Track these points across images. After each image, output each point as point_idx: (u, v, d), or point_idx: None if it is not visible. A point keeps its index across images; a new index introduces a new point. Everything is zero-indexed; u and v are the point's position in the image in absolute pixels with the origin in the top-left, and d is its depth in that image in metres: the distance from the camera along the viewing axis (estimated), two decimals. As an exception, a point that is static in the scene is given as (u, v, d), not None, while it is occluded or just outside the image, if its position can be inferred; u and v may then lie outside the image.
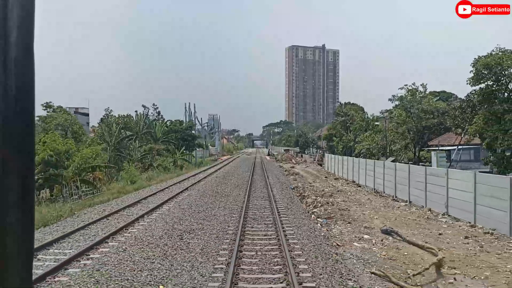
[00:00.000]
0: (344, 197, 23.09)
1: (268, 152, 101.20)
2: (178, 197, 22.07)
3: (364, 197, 23.72)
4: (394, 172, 24.05)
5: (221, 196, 22.26)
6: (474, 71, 20.01)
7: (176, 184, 29.15)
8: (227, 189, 25.64)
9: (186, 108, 73.86)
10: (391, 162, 27.92)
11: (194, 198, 21.52)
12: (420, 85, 34.61)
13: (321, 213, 17.74)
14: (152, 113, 61.75)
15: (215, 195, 22.88)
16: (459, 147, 29.68)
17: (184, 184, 28.81)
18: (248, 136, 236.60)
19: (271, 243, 11.57)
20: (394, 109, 35.28)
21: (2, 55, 0.86)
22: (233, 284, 7.98)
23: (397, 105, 33.94)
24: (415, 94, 33.32)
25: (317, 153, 66.96)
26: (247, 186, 26.59)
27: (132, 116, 53.73)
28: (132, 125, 48.59)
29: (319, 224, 15.36)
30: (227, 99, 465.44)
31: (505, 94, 19.94)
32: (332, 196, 23.11)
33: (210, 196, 22.21)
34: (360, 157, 36.64)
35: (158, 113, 63.64)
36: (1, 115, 0.86)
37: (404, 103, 32.39)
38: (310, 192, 24.87)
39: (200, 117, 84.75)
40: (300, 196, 23.29)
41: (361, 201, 21.76)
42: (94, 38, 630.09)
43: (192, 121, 71.61)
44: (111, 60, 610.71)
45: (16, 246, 0.88)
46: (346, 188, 28.20)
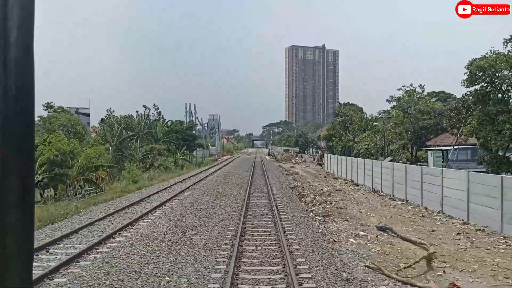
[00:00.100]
0: (342, 196, 23.57)
1: (269, 152, 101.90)
2: (180, 195, 22.59)
3: (362, 196, 24.21)
4: (392, 171, 24.56)
5: (222, 195, 22.77)
6: (468, 73, 20.59)
7: (178, 184, 29.65)
8: (227, 188, 26.15)
9: (186, 108, 74.51)
10: (388, 162, 28.43)
11: (195, 196, 22.04)
12: (418, 86, 35.17)
13: (319, 211, 18.24)
14: (153, 113, 62.31)
15: (216, 194, 23.39)
16: (456, 147, 30.22)
17: (185, 184, 29.31)
18: (248, 136, 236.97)
19: (271, 239, 12.11)
20: (392, 110, 35.80)
21: (2, 55, 0.86)
22: (235, 275, 8.52)
23: (394, 105, 34.47)
24: (413, 95, 33.89)
25: (316, 153, 67.47)
26: (247, 186, 27.09)
27: (133, 117, 54.29)
28: (134, 125, 49.12)
29: (317, 222, 15.84)
30: (227, 99, 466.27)
31: (499, 96, 20.50)
32: (330, 195, 23.58)
33: (211, 195, 22.73)
34: (358, 157, 37.13)
35: (159, 113, 64.19)
36: (1, 115, 0.85)
37: (401, 104, 32.95)
38: (309, 191, 25.35)
39: (200, 117, 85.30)
40: (299, 195, 23.76)
41: (359, 200, 22.25)
42: (94, 38, 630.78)
43: (193, 121, 72.20)
44: (111, 59, 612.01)
45: (16, 246, 0.88)
46: (344, 188, 28.68)
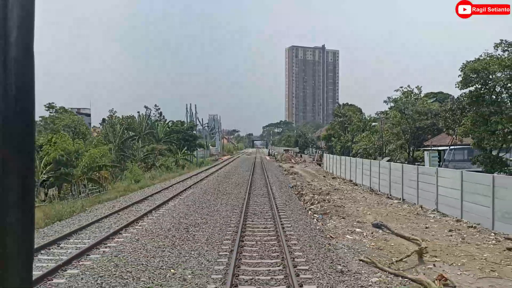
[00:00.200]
0: (341, 195, 24.10)
1: (269, 152, 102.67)
2: (182, 194, 23.15)
3: (359, 195, 24.75)
4: (389, 171, 25.12)
5: (222, 194, 23.32)
6: (462, 75, 21.15)
7: (179, 183, 30.19)
8: (228, 188, 26.70)
9: (187, 109, 75.18)
10: (386, 162, 28.98)
11: (197, 195, 22.60)
12: (415, 87, 35.73)
13: (318, 209, 18.78)
14: (154, 114, 62.93)
15: (217, 193, 23.95)
16: (452, 147, 30.78)
17: (187, 183, 29.85)
18: (248, 136, 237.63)
19: (270, 235, 12.67)
20: (390, 110, 36.37)
21: (2, 55, 0.86)
22: (236, 267, 9.08)
23: (392, 106, 35.05)
24: (410, 96, 34.46)
25: (316, 153, 68.05)
26: (248, 185, 27.64)
27: (134, 117, 54.91)
28: (136, 125, 49.73)
29: (315, 219, 16.38)
30: (227, 99, 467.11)
31: (492, 97, 21.07)
32: (329, 194, 24.11)
33: (213, 194, 23.29)
34: (357, 157, 37.65)
35: (160, 113, 64.83)
36: (1, 115, 0.85)
37: (398, 105, 33.53)
38: (308, 190, 25.89)
39: (201, 118, 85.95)
40: (298, 194, 24.29)
41: (357, 199, 22.79)
42: (94, 38, 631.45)
43: (193, 122, 72.81)
44: (110, 59, 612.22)
45: (16, 246, 0.88)
46: (343, 187, 29.21)
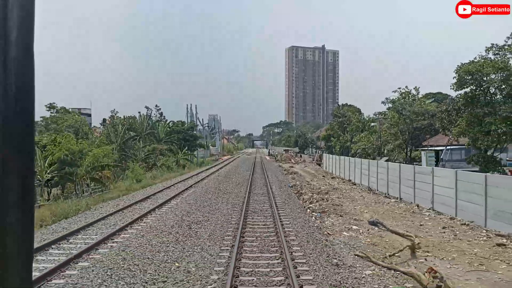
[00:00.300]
0: (339, 194, 24.61)
1: (269, 152, 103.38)
2: (184, 193, 23.67)
3: (357, 194, 25.26)
4: (387, 171, 25.62)
5: (223, 193, 23.84)
6: (457, 77, 21.67)
7: (181, 182, 30.71)
8: (229, 187, 27.22)
9: (187, 109, 75.72)
10: (384, 162, 29.46)
11: (198, 194, 23.12)
12: (413, 88, 36.25)
13: (316, 208, 19.29)
14: (155, 114, 63.32)
15: (218, 192, 24.46)
16: (448, 147, 31.30)
17: (188, 182, 30.36)
18: (248, 137, 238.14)
19: (269, 231, 13.19)
20: (388, 111, 36.90)
21: (2, 55, 0.86)
22: (237, 260, 9.60)
23: (390, 107, 35.58)
24: (408, 97, 34.99)
25: (316, 153, 68.59)
26: (248, 184, 28.14)
27: (136, 117, 55.38)
28: (137, 126, 50.23)
29: (313, 217, 16.90)
30: (227, 99, 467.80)
31: (486, 98, 21.59)
32: (327, 193, 24.61)
33: (213, 193, 23.80)
34: (356, 157, 38.17)
35: (161, 114, 65.19)
36: (1, 115, 0.86)
37: (396, 106, 34.06)
38: (307, 189, 26.40)
39: (201, 118, 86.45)
40: (298, 193, 24.78)
41: (355, 198, 23.30)
42: (94, 38, 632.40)
43: (194, 122, 73.32)
44: (110, 59, 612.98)
45: (16, 246, 0.88)
46: (341, 186, 29.72)
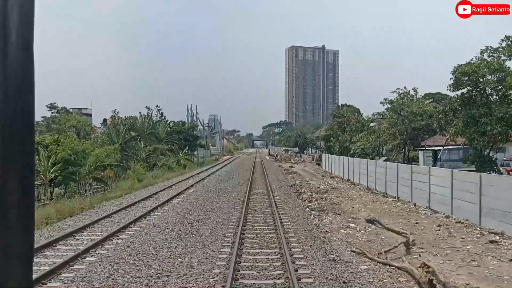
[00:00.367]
0: (338, 194, 25.00)
1: (269, 152, 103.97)
2: (185, 192, 24.08)
3: (356, 193, 25.65)
4: (385, 170, 26.03)
5: (224, 192, 24.24)
6: (453, 78, 22.06)
7: (182, 182, 31.11)
8: (229, 186, 27.62)
9: (188, 109, 76.19)
10: (382, 162, 29.88)
11: (199, 193, 23.53)
12: (412, 89, 36.64)
13: (315, 206, 19.70)
14: (155, 114, 63.78)
15: (218, 191, 24.87)
16: (446, 147, 31.70)
17: (189, 182, 30.77)
18: (248, 137, 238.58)
19: (269, 229, 13.60)
20: (386, 111, 37.28)
21: (2, 55, 0.86)
22: (238, 255, 10.00)
23: (388, 108, 35.97)
24: (406, 97, 35.37)
25: (315, 153, 69.02)
26: (248, 184, 28.52)
27: (136, 118, 55.82)
28: (138, 126, 50.68)
29: (312, 216, 17.31)
30: (227, 100, 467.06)
31: (482, 99, 21.98)
32: (326, 192, 25.01)
33: (214, 192, 24.21)
34: (355, 156, 38.54)
35: (161, 114, 65.68)
36: (1, 115, 0.86)
37: (394, 106, 34.45)
38: (306, 189, 26.80)
39: (201, 118, 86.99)
40: (297, 193, 25.16)
41: (353, 197, 23.70)
42: (94, 37, 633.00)
43: (194, 122, 73.77)
44: (111, 58, 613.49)
45: (16, 246, 0.88)
46: (340, 186, 30.12)
